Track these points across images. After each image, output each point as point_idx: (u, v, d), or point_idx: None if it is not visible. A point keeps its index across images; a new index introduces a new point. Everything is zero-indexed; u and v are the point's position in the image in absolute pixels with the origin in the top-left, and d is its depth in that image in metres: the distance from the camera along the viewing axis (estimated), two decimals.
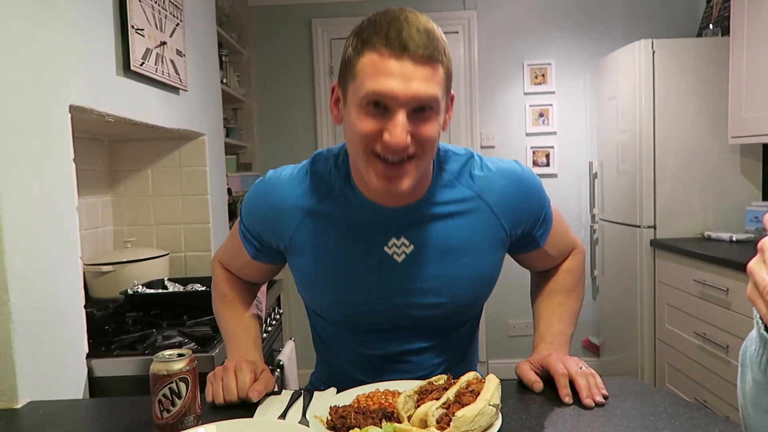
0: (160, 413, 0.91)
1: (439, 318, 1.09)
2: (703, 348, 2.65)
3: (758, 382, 0.65)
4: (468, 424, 0.81)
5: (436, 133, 0.93)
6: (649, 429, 0.87)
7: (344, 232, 1.05)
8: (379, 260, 1.05)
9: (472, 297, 1.11)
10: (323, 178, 1.07)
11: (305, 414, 0.96)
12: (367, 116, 0.91)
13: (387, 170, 0.93)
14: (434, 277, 1.05)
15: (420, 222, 1.04)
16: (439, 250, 1.05)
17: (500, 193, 1.06)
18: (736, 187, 3.05)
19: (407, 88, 0.88)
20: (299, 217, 1.06)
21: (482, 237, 1.07)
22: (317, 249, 1.07)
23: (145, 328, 1.66)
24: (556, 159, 3.82)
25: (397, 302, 1.06)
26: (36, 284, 1.22)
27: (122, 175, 2.35)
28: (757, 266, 0.55)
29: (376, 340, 1.11)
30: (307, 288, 1.12)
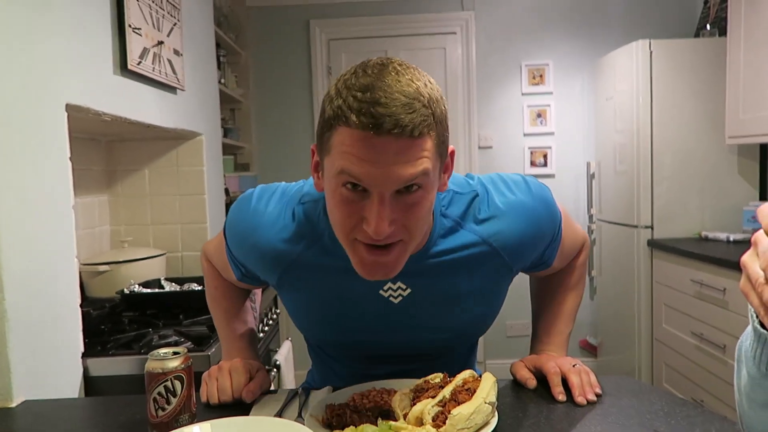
0: (155, 411, 0.90)
1: (437, 348, 1.07)
2: (700, 348, 2.65)
3: (753, 376, 0.65)
4: (464, 422, 0.81)
5: (426, 212, 0.84)
6: (645, 427, 0.87)
7: (334, 278, 0.97)
8: (374, 303, 0.99)
9: (474, 330, 1.09)
10: (311, 223, 0.96)
11: (301, 412, 0.96)
12: (344, 200, 0.80)
13: (371, 255, 0.83)
14: (433, 318, 1.01)
15: (418, 271, 0.96)
16: (438, 295, 0.99)
17: (509, 236, 0.96)
18: (734, 187, 3.05)
19: (388, 173, 0.76)
20: (285, 263, 0.98)
21: (486, 280, 1.00)
22: (307, 293, 1.01)
23: (142, 327, 1.65)
24: (554, 159, 3.83)
25: (395, 338, 1.03)
26: (32, 283, 1.21)
27: (119, 175, 2.35)
28: (750, 259, 0.55)
29: (374, 364, 1.08)
30: (299, 322, 1.09)
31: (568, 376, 0.99)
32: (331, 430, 0.86)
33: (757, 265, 0.53)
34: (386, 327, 1.01)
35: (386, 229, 0.79)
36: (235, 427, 0.81)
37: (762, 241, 0.53)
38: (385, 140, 0.75)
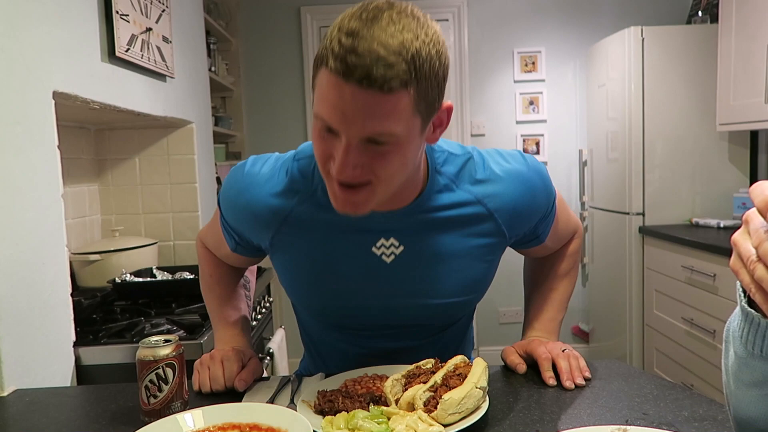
0: (147, 399, 0.90)
1: (429, 318, 1.05)
2: (690, 333, 2.68)
3: (740, 356, 0.66)
4: (455, 406, 0.81)
5: (398, 165, 0.83)
6: (635, 410, 0.88)
7: (328, 234, 0.98)
8: (366, 261, 0.99)
9: (464, 299, 1.05)
10: (305, 178, 0.97)
11: (293, 399, 0.96)
12: (320, 136, 0.82)
13: (342, 193, 0.84)
14: (424, 280, 1.00)
15: (411, 226, 0.97)
16: (431, 254, 0.98)
17: (504, 200, 0.98)
18: (724, 174, 3.07)
19: (351, 121, 0.77)
20: (279, 220, 0.99)
21: (479, 243, 1.00)
22: (300, 251, 1.01)
23: (134, 316, 1.65)
24: (546, 147, 3.83)
25: (386, 304, 1.02)
26: (21, 273, 1.21)
27: (109, 164, 2.33)
28: (741, 237, 0.55)
29: (365, 339, 1.08)
30: (291, 287, 1.07)
31: (557, 361, 1.00)
32: (323, 415, 0.86)
33: (748, 243, 0.53)
34: (378, 291, 1.00)
35: (349, 173, 0.80)
36: (228, 413, 0.82)
37: (753, 220, 0.53)
38: (353, 89, 0.74)
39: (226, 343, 1.12)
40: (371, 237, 0.98)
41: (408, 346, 1.08)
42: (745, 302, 0.63)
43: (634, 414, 0.86)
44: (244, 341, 1.14)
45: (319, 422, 0.83)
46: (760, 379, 0.65)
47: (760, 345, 0.62)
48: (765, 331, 0.62)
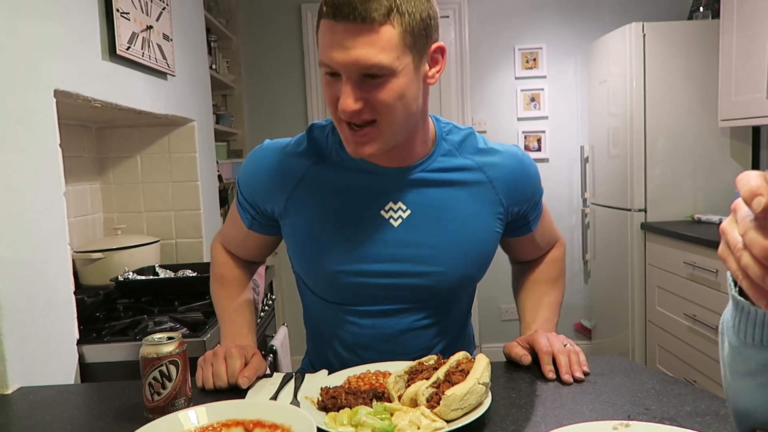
0: (151, 396, 0.91)
1: (432, 290, 1.07)
2: (692, 329, 2.68)
3: (733, 345, 0.66)
4: (458, 402, 0.81)
5: (394, 98, 0.90)
6: (637, 405, 0.88)
7: (340, 194, 1.05)
8: (374, 224, 1.04)
9: (466, 269, 1.08)
10: (320, 143, 1.07)
11: (296, 395, 0.96)
12: (326, 83, 0.93)
13: (352, 135, 0.94)
14: (429, 244, 1.04)
15: (417, 186, 1.05)
16: (436, 216, 1.05)
17: (502, 170, 1.07)
18: (726, 169, 3.06)
19: (346, 57, 0.87)
20: (295, 179, 1.06)
21: (479, 207, 1.07)
22: (312, 212, 1.06)
23: (137, 314, 1.65)
24: (548, 143, 3.83)
25: (391, 269, 1.05)
26: (23, 271, 1.21)
27: (111, 162, 2.33)
28: (729, 226, 0.56)
29: (369, 316, 1.09)
30: (300, 255, 1.10)
31: (556, 356, 1.01)
32: (326, 412, 0.86)
33: (736, 231, 0.54)
34: (385, 255, 1.04)
35: (352, 106, 0.89)
36: (231, 410, 0.82)
37: (741, 208, 0.53)
38: (344, 26, 0.85)
39: (231, 341, 1.12)
40: (380, 200, 1.05)
41: (410, 327, 1.09)
42: (736, 291, 0.63)
43: (636, 409, 0.87)
44: (248, 339, 1.14)
45: (322, 419, 0.83)
46: (753, 369, 0.65)
47: (752, 333, 0.63)
48: (756, 318, 0.62)
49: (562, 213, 3.85)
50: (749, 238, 0.52)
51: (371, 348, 1.10)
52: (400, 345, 1.10)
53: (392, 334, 1.09)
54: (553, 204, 3.82)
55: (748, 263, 0.52)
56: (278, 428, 0.77)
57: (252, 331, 1.17)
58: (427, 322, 1.11)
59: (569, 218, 3.88)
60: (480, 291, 1.31)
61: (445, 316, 1.13)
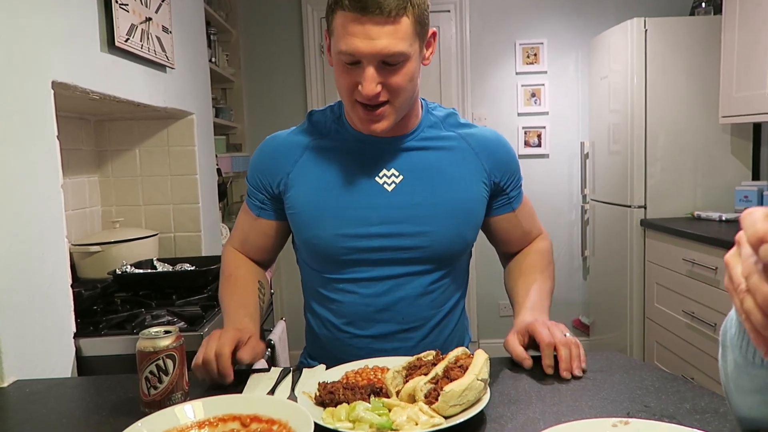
0: (147, 390, 0.90)
1: (427, 250, 1.13)
2: (691, 326, 2.68)
3: (739, 364, 0.66)
4: (456, 398, 0.81)
5: (407, 80, 1.04)
6: (636, 402, 0.88)
7: (337, 164, 1.15)
8: (370, 189, 1.13)
9: (458, 227, 1.15)
10: (320, 123, 1.20)
11: (294, 390, 0.96)
12: (344, 71, 1.03)
13: (366, 114, 1.06)
14: (422, 205, 1.13)
15: (408, 152, 1.15)
16: (426, 179, 1.14)
17: (482, 140, 1.19)
18: (726, 166, 3.05)
19: (372, 47, 0.98)
20: (298, 151, 1.17)
21: (465, 171, 1.16)
22: (312, 182, 1.15)
23: (134, 307, 1.64)
24: (548, 139, 3.82)
25: (387, 231, 1.12)
26: (21, 264, 1.20)
27: (109, 155, 2.32)
28: (732, 260, 0.55)
29: (365, 284, 1.14)
30: (300, 224, 1.16)
31: (558, 348, 1.00)
32: (323, 407, 0.86)
33: (739, 267, 0.53)
34: (380, 217, 1.12)
35: (374, 90, 1.01)
36: (228, 405, 0.81)
37: (744, 246, 0.52)
38: (369, 19, 0.97)
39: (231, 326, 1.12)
40: (375, 168, 1.15)
41: (406, 295, 1.14)
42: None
43: (635, 406, 0.86)
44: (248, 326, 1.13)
45: (319, 414, 0.83)
46: (760, 386, 0.65)
47: (760, 354, 0.62)
48: None
49: (561, 209, 3.85)
50: (753, 284, 0.51)
51: (369, 319, 1.15)
52: (396, 315, 1.15)
53: (389, 302, 1.14)
54: (553, 200, 3.82)
55: (751, 309, 0.52)
56: (275, 423, 0.76)
57: (253, 321, 1.17)
58: (423, 290, 1.16)
59: (569, 214, 3.87)
60: (478, 287, 1.33)
61: (440, 285, 1.18)
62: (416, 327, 1.16)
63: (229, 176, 3.41)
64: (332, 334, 1.19)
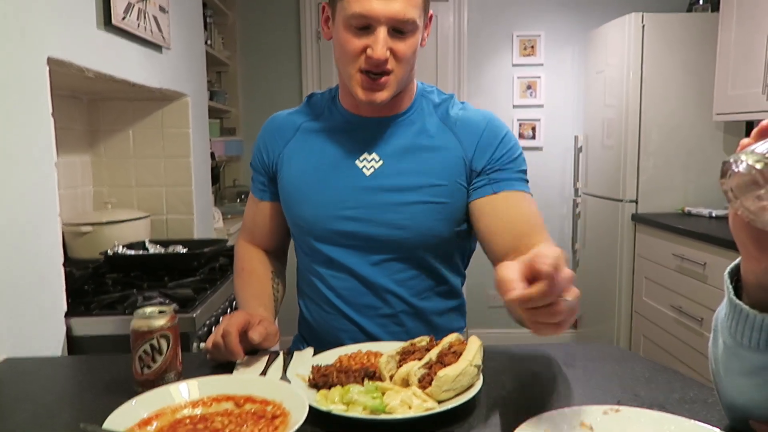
0: (141, 369, 0.90)
1: (398, 242, 1.13)
2: (678, 321, 2.71)
3: (729, 346, 0.67)
4: (449, 383, 0.81)
5: (412, 51, 1.06)
6: (626, 391, 0.89)
7: (325, 143, 1.17)
8: (349, 172, 1.14)
9: (428, 222, 1.12)
10: (316, 105, 1.22)
11: (286, 372, 0.96)
12: (353, 35, 1.03)
13: (369, 83, 1.05)
14: (396, 193, 1.12)
15: (392, 137, 1.15)
16: (404, 168, 1.13)
17: (469, 127, 1.15)
18: (718, 164, 3.03)
19: (387, 9, 0.99)
20: (291, 131, 1.21)
21: (446, 164, 1.13)
22: (301, 160, 1.18)
23: (126, 289, 1.63)
24: (542, 132, 3.82)
25: (361, 215, 1.13)
26: (13, 241, 1.19)
27: (102, 136, 2.30)
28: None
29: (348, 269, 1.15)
30: (288, 204, 1.20)
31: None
32: (317, 389, 0.86)
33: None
34: (360, 201, 1.13)
35: (385, 54, 1.02)
36: (222, 385, 0.81)
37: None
38: None
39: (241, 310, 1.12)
40: (357, 150, 1.15)
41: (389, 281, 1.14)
42: (733, 294, 0.64)
43: (626, 395, 0.87)
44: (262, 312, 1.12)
45: (313, 396, 0.83)
46: (749, 369, 0.66)
47: (748, 336, 0.63)
48: (753, 322, 0.62)
49: (553, 202, 3.86)
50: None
51: (350, 300, 1.16)
52: (382, 301, 1.15)
53: (374, 287, 1.15)
54: (545, 193, 3.83)
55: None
56: (269, 404, 0.76)
57: (267, 310, 1.17)
58: (404, 276, 1.15)
59: (560, 207, 3.89)
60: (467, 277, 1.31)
61: (423, 274, 1.17)
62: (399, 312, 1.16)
63: (222, 160, 3.39)
64: (318, 315, 1.21)
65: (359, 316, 1.16)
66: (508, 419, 0.80)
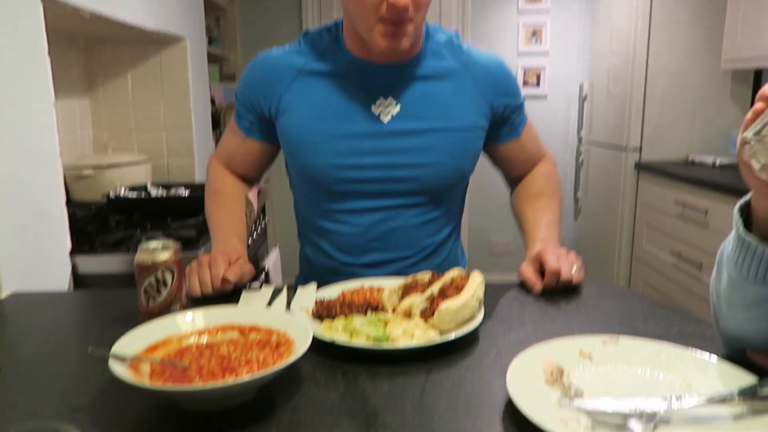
0: (146, 302, 0.91)
1: (422, 182, 1.12)
2: (677, 266, 2.73)
3: (733, 279, 0.68)
4: (451, 315, 0.83)
5: (426, 7, 1.03)
6: (625, 326, 0.90)
7: (333, 89, 1.11)
8: (365, 118, 1.10)
9: (454, 160, 1.13)
10: (316, 44, 1.14)
11: (290, 305, 0.97)
12: None
13: (392, 31, 1.01)
14: (418, 136, 1.10)
15: (407, 81, 1.11)
16: (424, 109, 1.11)
17: (483, 67, 1.15)
18: (725, 112, 3.04)
19: None
20: (291, 75, 1.12)
21: (465, 101, 1.13)
22: (306, 107, 1.11)
23: (129, 229, 1.64)
24: (547, 80, 3.76)
25: (382, 162, 1.10)
26: (14, 180, 1.19)
27: (100, 80, 2.27)
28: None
29: (362, 213, 1.13)
30: (294, 152, 1.14)
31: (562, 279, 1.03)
32: (320, 321, 0.88)
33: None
34: (376, 148, 1.10)
35: (407, 1, 0.98)
36: (227, 315, 0.82)
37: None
38: None
39: (216, 249, 1.13)
40: (371, 95, 1.11)
41: (401, 225, 1.14)
42: (742, 229, 0.64)
43: (624, 329, 0.88)
44: (236, 244, 1.14)
45: (317, 327, 0.84)
46: (752, 302, 0.67)
47: (755, 270, 0.64)
48: (761, 256, 0.63)
49: (556, 151, 3.84)
50: None
51: (362, 248, 1.15)
52: (390, 244, 1.15)
53: (383, 232, 1.14)
54: (548, 141, 3.79)
55: None
56: (274, 333, 0.78)
57: (241, 241, 1.17)
58: (417, 221, 1.15)
59: (563, 156, 3.87)
60: (470, 224, 1.33)
61: (434, 217, 1.17)
62: (409, 256, 1.17)
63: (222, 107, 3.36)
64: (325, 262, 1.20)
65: (369, 266, 1.16)
66: (509, 349, 0.81)
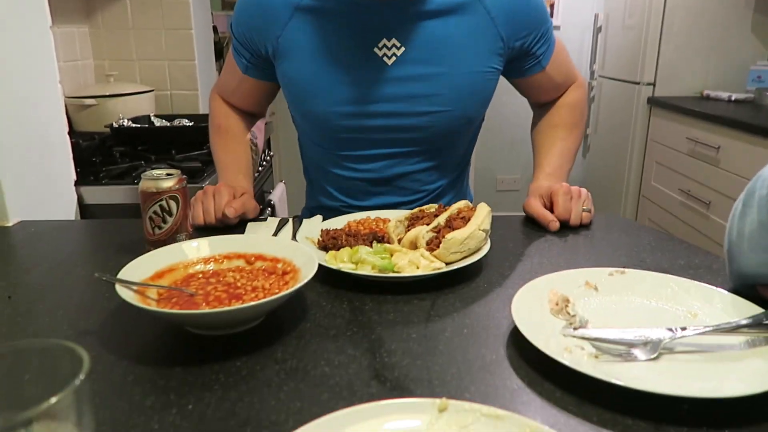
0: (152, 230, 0.91)
1: (427, 130, 1.07)
2: (685, 204, 2.71)
3: (764, 223, 0.67)
4: (457, 246, 0.82)
5: None
6: (632, 257, 0.90)
7: (333, 28, 1.02)
8: (367, 62, 1.02)
9: (463, 108, 1.07)
10: None
11: (295, 236, 0.97)
12: None
13: None
14: (424, 82, 1.03)
15: (411, 20, 1.01)
16: (430, 52, 1.02)
17: (499, 1, 1.03)
18: (744, 45, 2.93)
19: None
20: (288, 13, 1.03)
21: (476, 40, 1.03)
22: (306, 49, 1.04)
23: (133, 160, 1.63)
24: (561, 10, 3.63)
25: (385, 109, 1.04)
26: (15, 109, 1.16)
27: (99, 5, 2.19)
28: None
29: (364, 161, 1.10)
30: (294, 98, 1.09)
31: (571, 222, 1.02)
32: (326, 251, 0.87)
33: None
34: (380, 95, 1.03)
35: None
36: (233, 244, 0.82)
37: None
38: None
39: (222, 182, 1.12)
40: (373, 36, 1.02)
41: (406, 171, 1.11)
42: None
43: (631, 261, 0.88)
44: (242, 181, 1.13)
45: (322, 257, 0.84)
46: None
47: None
48: None
49: None
50: None
51: (367, 192, 1.13)
52: (395, 189, 1.13)
53: (388, 178, 1.12)
54: None
55: None
56: (280, 261, 0.78)
57: (247, 177, 1.17)
58: (423, 166, 1.12)
59: None
60: (476, 161, 1.30)
61: (441, 161, 1.14)
62: (415, 200, 1.15)
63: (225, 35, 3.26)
64: (330, 203, 1.19)
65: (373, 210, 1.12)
66: (515, 280, 0.81)
